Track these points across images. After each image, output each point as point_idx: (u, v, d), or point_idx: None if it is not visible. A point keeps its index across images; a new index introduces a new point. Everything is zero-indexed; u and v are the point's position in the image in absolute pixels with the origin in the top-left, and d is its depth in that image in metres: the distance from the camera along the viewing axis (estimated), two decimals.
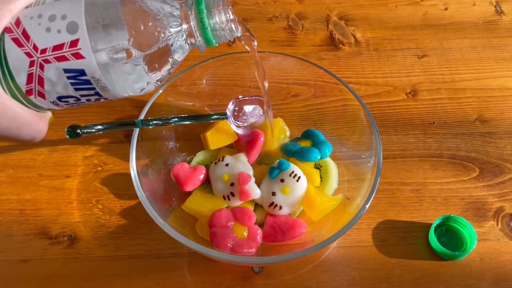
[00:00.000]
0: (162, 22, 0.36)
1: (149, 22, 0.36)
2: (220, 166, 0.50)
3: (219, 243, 0.45)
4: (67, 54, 0.34)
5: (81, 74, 0.35)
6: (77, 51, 0.34)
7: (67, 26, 0.34)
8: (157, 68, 0.38)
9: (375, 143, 0.46)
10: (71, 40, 0.34)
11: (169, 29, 0.37)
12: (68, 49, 0.34)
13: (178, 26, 0.37)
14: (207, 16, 0.38)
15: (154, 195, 0.46)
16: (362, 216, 0.42)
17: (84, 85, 0.36)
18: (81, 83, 0.35)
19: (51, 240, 0.50)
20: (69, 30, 0.34)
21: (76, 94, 0.36)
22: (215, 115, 0.52)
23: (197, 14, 0.37)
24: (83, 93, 0.36)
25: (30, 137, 0.39)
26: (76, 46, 0.34)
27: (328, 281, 0.47)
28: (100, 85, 0.36)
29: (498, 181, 0.54)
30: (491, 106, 0.61)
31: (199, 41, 0.39)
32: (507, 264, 0.48)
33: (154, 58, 0.37)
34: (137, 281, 0.47)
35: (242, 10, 0.72)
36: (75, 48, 0.34)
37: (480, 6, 0.72)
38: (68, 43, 0.34)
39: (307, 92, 0.56)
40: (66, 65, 0.34)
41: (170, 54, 0.38)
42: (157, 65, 0.38)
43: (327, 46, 0.67)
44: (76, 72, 0.35)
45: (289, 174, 0.48)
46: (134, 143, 0.46)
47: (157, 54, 0.37)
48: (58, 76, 0.35)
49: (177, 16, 0.37)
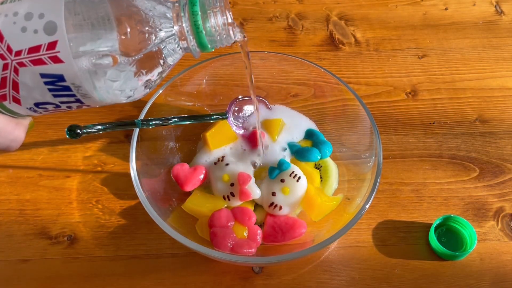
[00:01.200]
0: (153, 23, 0.33)
1: (138, 23, 0.32)
2: (220, 166, 0.50)
3: (219, 243, 0.45)
4: (44, 57, 0.30)
5: (60, 80, 0.31)
6: (55, 55, 0.30)
7: (45, 26, 0.30)
8: (146, 75, 0.34)
9: (375, 143, 0.46)
10: (49, 42, 0.30)
11: (160, 31, 0.33)
12: (45, 51, 0.30)
13: (170, 28, 0.34)
14: (202, 18, 0.34)
15: (154, 195, 0.46)
16: (362, 216, 0.42)
17: (64, 91, 0.32)
18: (60, 89, 0.32)
19: (51, 240, 0.50)
20: (47, 31, 0.30)
21: (55, 101, 0.33)
22: (215, 115, 0.52)
23: (190, 16, 0.34)
24: (62, 100, 0.33)
25: (4, 146, 0.36)
26: (54, 49, 0.30)
27: (328, 281, 0.47)
28: (81, 92, 0.32)
29: (498, 181, 0.54)
30: (491, 106, 0.61)
31: (192, 45, 0.35)
32: (507, 264, 0.48)
33: (143, 63, 0.33)
34: (137, 281, 0.47)
35: (242, 10, 0.72)
36: (53, 51, 0.30)
37: (480, 6, 0.72)
38: (45, 45, 0.30)
39: (307, 92, 0.56)
40: (43, 69, 0.31)
41: (161, 59, 0.34)
42: (145, 71, 0.34)
43: (327, 46, 0.67)
44: (54, 78, 0.31)
45: (289, 174, 0.48)
46: (134, 143, 0.46)
47: (146, 59, 0.33)
48: (35, 81, 0.31)
49: (170, 18, 0.34)
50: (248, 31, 0.69)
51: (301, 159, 0.51)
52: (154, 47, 0.33)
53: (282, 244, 0.47)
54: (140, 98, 0.36)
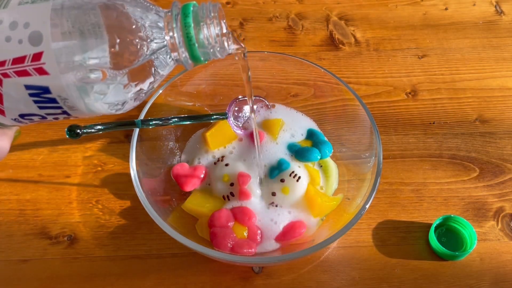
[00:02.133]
0: (145, 34, 0.31)
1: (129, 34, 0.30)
2: (219, 166, 0.50)
3: (219, 243, 0.45)
4: (29, 68, 0.29)
5: (45, 92, 0.30)
6: (40, 66, 0.29)
7: (30, 36, 0.28)
8: (135, 87, 0.32)
9: (375, 143, 0.46)
10: (34, 53, 0.28)
11: (152, 42, 0.31)
12: (30, 63, 0.29)
13: (162, 39, 0.32)
14: (195, 30, 0.32)
15: (154, 195, 0.46)
16: (362, 216, 0.42)
17: (49, 103, 0.31)
18: (46, 101, 0.30)
19: (51, 240, 0.50)
20: (32, 41, 0.28)
21: (40, 113, 0.32)
22: (215, 115, 0.52)
23: (183, 27, 0.32)
24: (48, 112, 0.32)
25: None
26: (39, 60, 0.29)
27: (328, 281, 0.47)
28: (68, 104, 0.31)
29: (498, 181, 0.54)
30: (491, 106, 0.61)
31: (184, 57, 0.33)
32: (507, 264, 0.48)
33: (133, 75, 0.32)
34: (137, 281, 0.47)
35: (242, 10, 0.72)
36: (38, 63, 0.29)
37: (480, 6, 0.72)
38: (30, 56, 0.29)
39: (307, 92, 0.56)
40: (27, 80, 0.29)
41: (151, 71, 0.33)
42: (135, 83, 0.32)
43: (327, 46, 0.67)
44: (40, 89, 0.30)
45: (289, 174, 0.48)
46: (134, 143, 0.46)
47: (136, 71, 0.32)
48: (19, 93, 0.30)
49: (162, 27, 0.32)
50: (248, 31, 0.69)
51: (301, 159, 0.51)
52: (145, 59, 0.31)
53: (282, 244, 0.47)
54: (130, 109, 0.34)
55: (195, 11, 0.32)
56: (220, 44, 0.34)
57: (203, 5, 0.33)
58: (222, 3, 0.72)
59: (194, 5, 0.33)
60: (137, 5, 0.31)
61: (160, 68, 0.33)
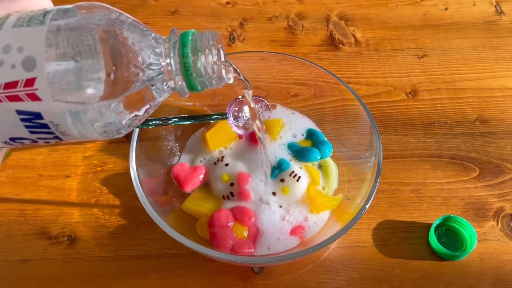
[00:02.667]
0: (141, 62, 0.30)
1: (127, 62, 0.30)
2: (219, 166, 0.50)
3: (219, 243, 0.45)
4: (21, 94, 0.28)
5: (37, 118, 0.29)
6: (33, 92, 0.28)
7: (23, 61, 0.28)
8: (130, 114, 0.32)
9: (375, 143, 0.46)
10: (27, 78, 0.28)
11: (148, 71, 0.31)
12: (22, 88, 0.28)
13: (158, 67, 0.31)
14: (193, 61, 0.32)
15: (154, 195, 0.46)
16: (362, 216, 0.42)
17: (41, 128, 0.30)
18: (38, 126, 0.30)
19: (51, 240, 0.50)
20: (25, 67, 0.28)
21: (32, 137, 0.31)
22: (215, 115, 0.52)
23: (180, 57, 0.31)
24: (40, 137, 0.31)
25: None
26: (32, 86, 0.28)
27: (328, 281, 0.47)
28: (60, 130, 0.30)
29: (498, 181, 0.54)
30: (491, 106, 0.61)
31: (179, 85, 0.32)
32: (507, 264, 0.48)
33: (127, 103, 0.31)
34: (137, 281, 0.47)
35: (242, 10, 0.72)
36: (31, 88, 0.28)
37: (480, 6, 0.72)
38: (23, 82, 0.28)
39: (307, 92, 0.56)
40: (19, 106, 0.28)
41: (147, 98, 0.32)
42: (130, 111, 0.31)
43: (327, 46, 0.67)
44: (31, 115, 0.29)
45: (289, 174, 0.48)
46: (134, 143, 0.46)
47: (131, 98, 0.31)
48: (10, 117, 0.29)
49: (159, 54, 0.31)
50: (248, 31, 0.69)
51: (301, 159, 0.51)
52: (140, 86, 0.31)
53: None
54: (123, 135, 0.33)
55: (194, 39, 0.32)
56: (218, 74, 0.33)
57: (202, 34, 0.32)
58: (222, 3, 0.72)
59: (193, 33, 0.32)
60: (135, 31, 0.31)
61: (155, 95, 0.32)
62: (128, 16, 0.31)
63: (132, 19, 0.31)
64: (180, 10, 0.71)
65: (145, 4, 0.72)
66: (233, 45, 0.67)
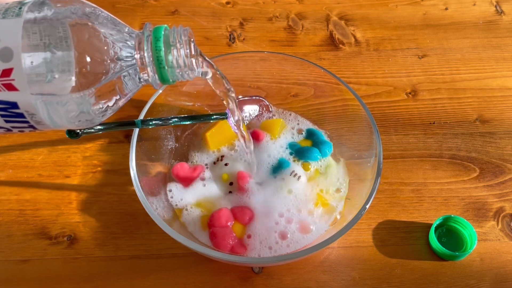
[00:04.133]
0: (114, 53, 0.32)
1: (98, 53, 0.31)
2: (219, 165, 0.50)
3: (219, 243, 0.45)
4: None
5: (13, 107, 0.30)
6: (9, 82, 0.29)
7: (0, 52, 0.29)
8: (103, 104, 0.33)
9: (375, 143, 0.46)
10: (4, 68, 0.29)
11: (122, 61, 0.32)
12: None
13: (131, 59, 0.33)
14: (165, 54, 0.33)
15: (154, 195, 0.46)
16: (362, 216, 0.42)
17: (16, 117, 0.31)
18: (13, 115, 0.31)
19: (50, 240, 0.50)
20: (2, 57, 0.29)
21: (6, 126, 0.32)
22: (215, 115, 0.52)
23: (153, 51, 0.33)
24: (14, 125, 0.32)
25: None
26: (8, 76, 0.29)
27: (328, 282, 0.47)
28: (35, 119, 0.31)
29: (498, 181, 0.54)
30: (491, 106, 0.61)
31: (152, 77, 0.34)
32: (507, 264, 0.48)
33: (100, 93, 0.32)
34: (137, 281, 0.47)
35: (242, 10, 0.72)
36: (8, 78, 0.29)
37: (480, 6, 0.72)
38: (0, 72, 0.29)
39: (307, 92, 0.56)
40: None
41: (119, 89, 0.33)
42: (103, 101, 0.33)
43: (327, 46, 0.67)
44: (8, 104, 0.30)
45: (289, 174, 0.48)
46: (134, 143, 0.46)
47: (104, 89, 0.32)
48: None
49: (131, 47, 0.33)
50: (248, 31, 0.69)
51: (301, 158, 0.51)
52: (113, 77, 0.32)
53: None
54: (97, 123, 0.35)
55: (166, 34, 0.33)
56: (189, 67, 0.34)
57: (174, 29, 0.34)
58: (222, 3, 0.72)
59: (165, 28, 0.34)
60: (109, 25, 0.32)
61: (127, 87, 0.33)
62: (103, 10, 0.32)
63: (106, 14, 0.32)
64: (180, 10, 0.71)
65: (145, 4, 0.72)
66: (233, 45, 0.67)
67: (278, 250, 0.45)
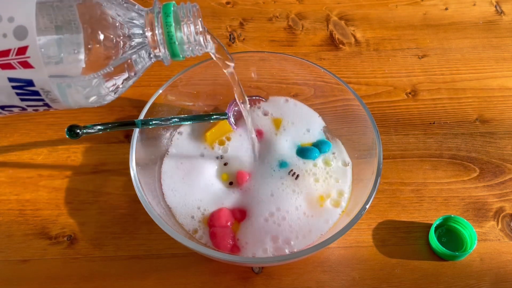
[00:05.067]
0: (125, 31, 0.32)
1: (110, 30, 0.31)
2: (219, 165, 0.50)
3: (219, 243, 0.45)
4: (14, 62, 0.30)
5: (29, 85, 0.31)
6: (25, 60, 0.29)
7: (15, 31, 0.29)
8: (116, 81, 0.34)
9: (375, 143, 0.46)
10: (19, 47, 0.29)
11: (132, 39, 0.33)
12: (14, 56, 0.29)
13: (141, 36, 0.34)
14: (175, 29, 0.34)
15: (154, 195, 0.46)
16: (362, 216, 0.42)
17: (32, 96, 0.31)
18: (29, 93, 0.31)
19: (50, 240, 0.50)
20: (17, 35, 0.29)
21: (22, 104, 0.32)
22: (215, 115, 0.52)
23: (164, 26, 0.34)
24: (30, 104, 0.32)
25: None
26: (24, 54, 0.29)
27: (328, 282, 0.47)
28: (50, 97, 0.32)
29: (499, 181, 0.54)
30: (492, 106, 0.61)
31: (163, 53, 0.35)
32: (507, 264, 0.48)
33: (113, 70, 0.33)
34: (137, 281, 0.47)
35: (242, 10, 0.72)
36: (23, 56, 0.29)
37: (480, 6, 0.72)
38: (15, 50, 0.29)
39: (307, 92, 0.56)
40: (11, 73, 0.30)
41: (131, 66, 0.34)
42: (116, 77, 0.33)
43: (327, 46, 0.67)
44: (23, 82, 0.30)
45: (288, 173, 0.48)
46: (134, 143, 0.46)
47: (117, 66, 0.33)
48: (2, 85, 0.31)
49: (141, 25, 0.34)
50: (248, 31, 0.69)
51: (301, 157, 0.51)
52: (125, 54, 0.33)
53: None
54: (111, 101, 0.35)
55: (175, 10, 0.34)
56: (198, 42, 0.35)
57: (182, 5, 0.35)
58: (222, 3, 0.72)
59: (174, 5, 0.34)
60: (119, 3, 0.33)
61: (139, 64, 0.34)
62: None
63: None
64: None
65: (145, 4, 0.72)
66: (233, 45, 0.67)
67: (278, 250, 0.45)
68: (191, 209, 0.48)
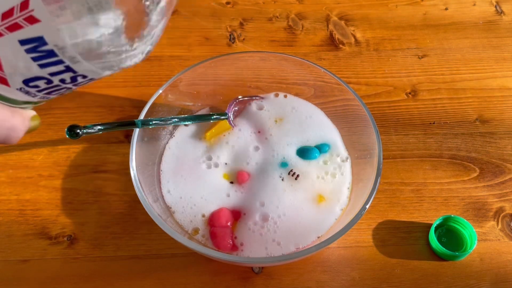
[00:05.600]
0: None
1: None
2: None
3: (219, 243, 0.45)
4: (19, 20, 0.27)
5: (42, 44, 0.28)
6: (29, 14, 0.27)
7: None
8: (139, 33, 0.30)
9: (375, 143, 0.46)
10: (21, 2, 0.27)
11: None
12: (19, 13, 0.27)
13: None
14: None
15: (154, 195, 0.46)
16: (362, 216, 0.42)
17: (49, 58, 0.29)
18: (44, 56, 0.29)
19: (50, 240, 0.50)
20: None
21: (43, 74, 0.30)
22: (215, 115, 0.52)
23: None
24: (51, 71, 0.30)
25: (2, 136, 0.33)
26: (27, 8, 0.27)
27: (328, 282, 0.47)
28: (69, 55, 0.29)
29: (498, 181, 0.54)
30: (491, 106, 0.61)
31: None
32: (507, 264, 0.48)
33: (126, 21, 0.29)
34: (137, 281, 0.47)
35: (242, 10, 0.72)
36: (27, 11, 0.27)
37: (480, 6, 0.72)
38: (18, 7, 0.27)
39: (307, 92, 0.56)
40: (20, 34, 0.28)
41: (144, 18, 0.30)
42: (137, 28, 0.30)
43: (327, 46, 0.67)
44: (35, 42, 0.28)
45: (288, 173, 0.48)
46: (134, 143, 0.46)
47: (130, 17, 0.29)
48: (16, 52, 0.29)
49: None
50: (248, 31, 0.69)
51: (301, 157, 0.51)
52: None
53: None
54: (140, 61, 0.32)
55: None
56: None
57: None
58: (222, 3, 0.72)
59: None
60: None
61: (152, 16, 0.30)
62: None
63: None
64: (180, 10, 0.71)
65: None
66: (233, 45, 0.67)
67: (278, 250, 0.45)
68: (191, 209, 0.48)
